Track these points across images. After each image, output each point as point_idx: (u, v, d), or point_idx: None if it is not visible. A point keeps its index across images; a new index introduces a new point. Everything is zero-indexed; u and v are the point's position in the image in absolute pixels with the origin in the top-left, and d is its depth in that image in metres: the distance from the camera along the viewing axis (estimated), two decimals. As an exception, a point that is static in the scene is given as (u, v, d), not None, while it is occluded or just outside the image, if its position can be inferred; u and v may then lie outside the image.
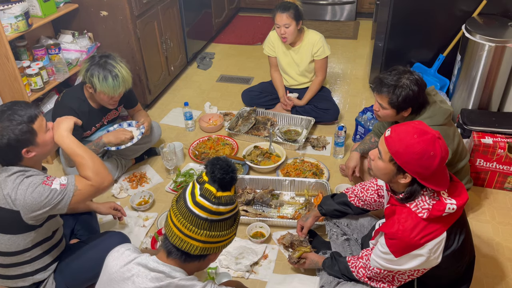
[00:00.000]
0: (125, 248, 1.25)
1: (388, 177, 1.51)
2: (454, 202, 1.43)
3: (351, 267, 1.72)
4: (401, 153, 1.40)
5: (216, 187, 1.12)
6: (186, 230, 1.13)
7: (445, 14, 3.11)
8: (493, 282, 2.03)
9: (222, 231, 1.17)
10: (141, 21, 3.14)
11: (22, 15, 2.53)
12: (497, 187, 2.57)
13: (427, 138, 1.38)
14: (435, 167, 1.38)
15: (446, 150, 1.41)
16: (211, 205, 1.12)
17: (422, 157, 1.37)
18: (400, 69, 1.94)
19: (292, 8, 2.88)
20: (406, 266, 1.49)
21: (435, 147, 1.37)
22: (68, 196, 1.55)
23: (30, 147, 1.55)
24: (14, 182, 1.51)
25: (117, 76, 2.28)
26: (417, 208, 1.44)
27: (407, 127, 1.44)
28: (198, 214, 1.12)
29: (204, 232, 1.13)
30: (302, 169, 2.69)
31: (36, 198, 1.50)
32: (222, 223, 1.16)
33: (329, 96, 3.26)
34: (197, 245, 1.14)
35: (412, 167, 1.40)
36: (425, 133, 1.39)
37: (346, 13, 5.15)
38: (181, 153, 2.83)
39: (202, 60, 4.30)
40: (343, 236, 2.00)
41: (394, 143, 1.42)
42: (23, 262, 1.66)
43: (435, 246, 1.44)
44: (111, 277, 1.19)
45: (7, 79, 2.60)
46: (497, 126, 2.56)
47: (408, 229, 1.43)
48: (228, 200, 1.15)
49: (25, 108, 1.55)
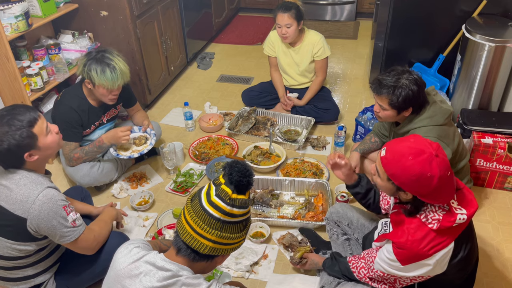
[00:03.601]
0: (134, 245, 1.25)
1: (390, 193, 1.51)
2: (464, 212, 1.40)
3: (352, 267, 1.71)
4: (398, 175, 1.39)
5: (232, 189, 1.14)
6: (198, 228, 1.14)
7: (445, 14, 3.11)
8: (493, 282, 2.03)
9: (233, 234, 1.18)
10: (141, 21, 3.14)
11: (22, 15, 2.53)
12: (497, 187, 2.57)
13: (423, 159, 1.34)
14: (433, 186, 1.34)
15: (445, 167, 1.36)
16: (226, 206, 1.14)
17: (419, 179, 1.34)
18: (398, 69, 1.94)
19: (293, 8, 2.88)
20: (411, 274, 1.48)
21: (431, 167, 1.33)
22: (73, 237, 1.63)
23: (32, 151, 1.55)
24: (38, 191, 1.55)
25: (115, 69, 2.28)
26: (427, 219, 1.42)
27: (403, 147, 1.39)
28: (211, 214, 1.14)
29: (216, 232, 1.14)
30: (302, 169, 2.69)
31: (50, 215, 1.54)
32: (233, 226, 1.17)
33: (329, 96, 3.26)
34: (207, 244, 1.15)
35: (410, 188, 1.39)
36: (421, 153, 1.35)
37: (346, 13, 5.15)
38: (181, 153, 2.83)
39: (202, 60, 4.30)
40: (343, 236, 2.00)
41: (390, 165, 1.40)
42: (25, 266, 1.66)
43: (443, 256, 1.43)
44: (119, 274, 1.19)
45: (7, 79, 2.60)
46: (497, 126, 2.56)
47: (417, 240, 1.41)
48: (242, 204, 1.16)
49: (25, 112, 1.55)
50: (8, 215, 1.53)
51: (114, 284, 1.19)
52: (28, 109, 1.57)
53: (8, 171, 1.56)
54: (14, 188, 1.53)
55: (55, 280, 1.77)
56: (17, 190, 1.52)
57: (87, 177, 2.47)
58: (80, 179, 2.47)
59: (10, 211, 1.52)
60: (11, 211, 1.52)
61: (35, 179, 1.56)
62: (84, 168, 2.48)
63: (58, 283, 1.77)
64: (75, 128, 2.41)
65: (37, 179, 1.56)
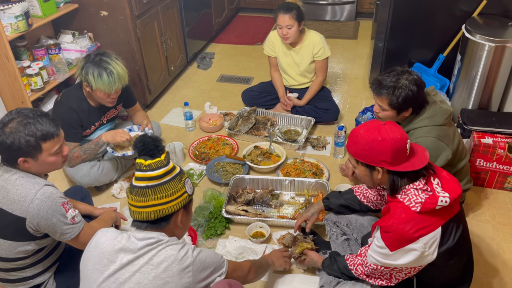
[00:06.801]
0: (110, 228, 1.38)
1: (369, 180, 1.59)
2: (447, 195, 1.44)
3: (350, 265, 1.72)
4: (357, 150, 1.53)
5: (144, 158, 1.28)
6: (138, 203, 1.28)
7: (445, 14, 3.11)
8: (493, 282, 2.03)
9: (168, 192, 1.29)
10: (141, 21, 3.14)
11: (22, 15, 2.53)
12: (497, 187, 2.57)
13: (370, 128, 1.50)
14: (390, 149, 1.45)
15: (396, 131, 1.47)
16: (144, 173, 1.27)
17: (372, 146, 1.48)
18: (398, 70, 1.94)
19: (294, 9, 2.88)
20: (401, 261, 1.49)
21: (380, 133, 1.47)
22: (73, 233, 1.64)
23: (28, 159, 1.55)
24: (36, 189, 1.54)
25: (112, 73, 2.28)
26: (410, 202, 1.47)
27: (356, 128, 1.56)
28: (138, 186, 1.28)
29: (151, 197, 1.27)
30: (302, 169, 2.70)
31: (50, 213, 1.54)
32: (164, 186, 1.28)
33: (329, 96, 3.25)
34: (150, 211, 1.28)
35: (372, 159, 1.50)
36: (370, 125, 1.52)
37: (346, 13, 5.15)
38: (181, 153, 2.83)
39: (202, 60, 4.30)
40: (343, 236, 2.00)
41: (350, 146, 1.57)
42: (24, 267, 1.66)
43: (430, 241, 1.45)
44: (103, 251, 1.29)
45: (7, 79, 2.61)
46: (497, 126, 2.56)
47: (402, 222, 1.45)
48: (159, 165, 1.28)
49: (47, 125, 1.55)
50: (7, 216, 1.53)
51: (100, 260, 1.28)
52: (53, 123, 1.57)
53: (5, 171, 1.56)
54: (11, 189, 1.53)
55: (55, 280, 1.77)
56: (14, 190, 1.52)
57: (87, 177, 2.47)
58: (80, 179, 2.47)
59: (8, 211, 1.52)
60: (10, 211, 1.52)
61: (32, 179, 1.56)
62: (84, 168, 2.48)
63: (58, 283, 1.77)
64: (74, 129, 2.41)
65: (34, 178, 1.56)
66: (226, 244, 2.22)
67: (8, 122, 1.51)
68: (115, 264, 1.26)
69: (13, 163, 1.56)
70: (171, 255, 1.27)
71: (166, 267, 1.25)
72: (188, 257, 1.29)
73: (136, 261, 1.26)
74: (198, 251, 1.33)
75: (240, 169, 2.71)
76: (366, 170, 1.55)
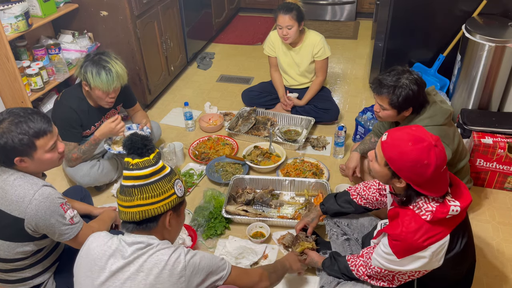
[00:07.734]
0: (102, 233, 1.36)
1: (384, 180, 1.52)
2: (458, 204, 1.42)
3: (351, 266, 1.72)
4: (395, 160, 1.40)
5: (132, 157, 1.26)
6: (125, 203, 1.26)
7: (445, 14, 3.11)
8: (493, 282, 2.03)
9: (155, 192, 1.26)
10: (141, 21, 3.14)
11: (22, 15, 2.53)
12: (497, 187, 2.57)
13: (422, 146, 1.36)
14: (429, 175, 1.36)
15: (442, 158, 1.38)
16: (131, 172, 1.25)
17: (416, 165, 1.36)
18: (399, 69, 1.94)
19: (295, 9, 2.88)
20: (407, 267, 1.48)
21: (429, 155, 1.35)
22: (72, 234, 1.63)
23: (24, 158, 1.54)
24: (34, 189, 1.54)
25: (111, 71, 2.28)
26: (421, 210, 1.43)
27: (403, 133, 1.42)
28: (126, 185, 1.26)
29: (137, 197, 1.25)
30: (302, 169, 2.69)
31: (48, 214, 1.53)
32: (151, 186, 1.26)
33: (329, 96, 3.25)
34: (136, 211, 1.25)
35: (405, 174, 1.40)
36: (421, 140, 1.37)
37: (346, 13, 5.15)
38: (181, 153, 2.83)
39: (202, 60, 4.30)
40: (343, 236, 2.00)
41: (389, 149, 1.42)
42: (23, 268, 1.66)
43: (438, 249, 1.43)
44: (94, 257, 1.27)
45: (7, 79, 2.61)
46: (497, 126, 2.56)
47: (411, 231, 1.42)
48: (147, 164, 1.26)
49: (39, 121, 1.54)
50: (5, 217, 1.52)
51: (92, 266, 1.26)
52: (44, 120, 1.56)
53: (3, 172, 1.56)
54: (9, 190, 1.52)
55: (54, 280, 1.77)
56: (12, 191, 1.52)
57: (87, 177, 2.47)
58: (80, 179, 2.47)
59: (6, 212, 1.52)
60: (8, 212, 1.52)
61: (30, 179, 1.56)
62: (84, 168, 2.47)
63: (58, 283, 1.76)
64: (74, 129, 2.41)
65: (32, 179, 1.56)
66: (226, 244, 2.22)
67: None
68: (105, 271, 1.24)
69: (10, 163, 1.55)
70: (162, 260, 1.24)
71: (158, 273, 1.23)
72: (180, 261, 1.26)
73: (127, 268, 1.24)
74: (192, 254, 1.30)
75: (240, 169, 2.71)
76: (389, 174, 1.46)
